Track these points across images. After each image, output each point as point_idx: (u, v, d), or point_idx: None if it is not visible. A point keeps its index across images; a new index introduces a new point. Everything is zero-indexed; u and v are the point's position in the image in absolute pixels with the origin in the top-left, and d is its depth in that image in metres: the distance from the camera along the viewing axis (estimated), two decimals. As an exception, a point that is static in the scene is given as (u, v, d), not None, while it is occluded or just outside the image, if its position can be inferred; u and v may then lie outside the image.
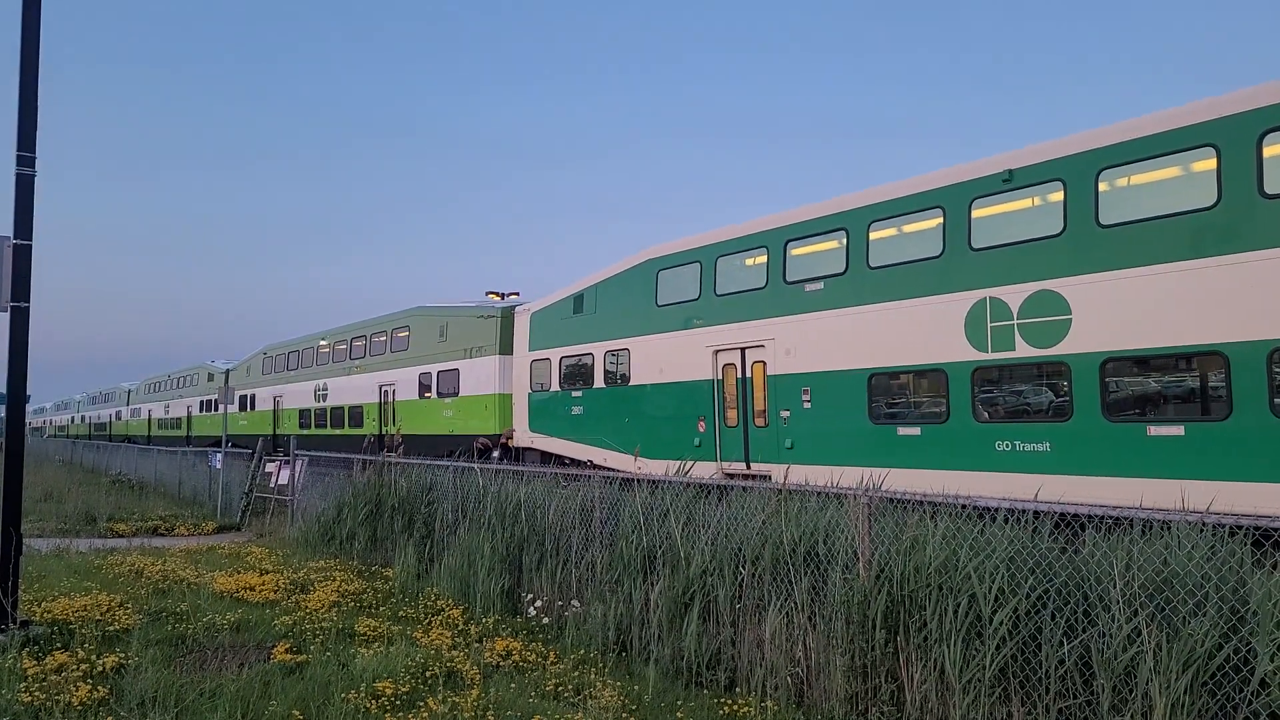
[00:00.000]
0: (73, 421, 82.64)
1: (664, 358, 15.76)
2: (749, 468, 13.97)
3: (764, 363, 13.95)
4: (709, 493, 7.95)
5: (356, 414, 27.56)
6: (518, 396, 20.00)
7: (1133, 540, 4.99)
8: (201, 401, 42.78)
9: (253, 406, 36.53)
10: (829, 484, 7.13)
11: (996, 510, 5.81)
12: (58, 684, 5.93)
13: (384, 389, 26.01)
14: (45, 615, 7.93)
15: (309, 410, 31.03)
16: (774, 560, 6.63)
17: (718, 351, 14.70)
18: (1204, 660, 4.47)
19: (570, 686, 6.38)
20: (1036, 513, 5.77)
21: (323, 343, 31.02)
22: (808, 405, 13.20)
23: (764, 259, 14.13)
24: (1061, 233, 10.51)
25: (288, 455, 16.54)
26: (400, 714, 5.59)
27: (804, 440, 13.17)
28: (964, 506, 5.88)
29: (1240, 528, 4.81)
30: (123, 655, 6.74)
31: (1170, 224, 9.63)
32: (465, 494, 10.60)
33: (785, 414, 13.46)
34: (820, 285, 13.16)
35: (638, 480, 8.50)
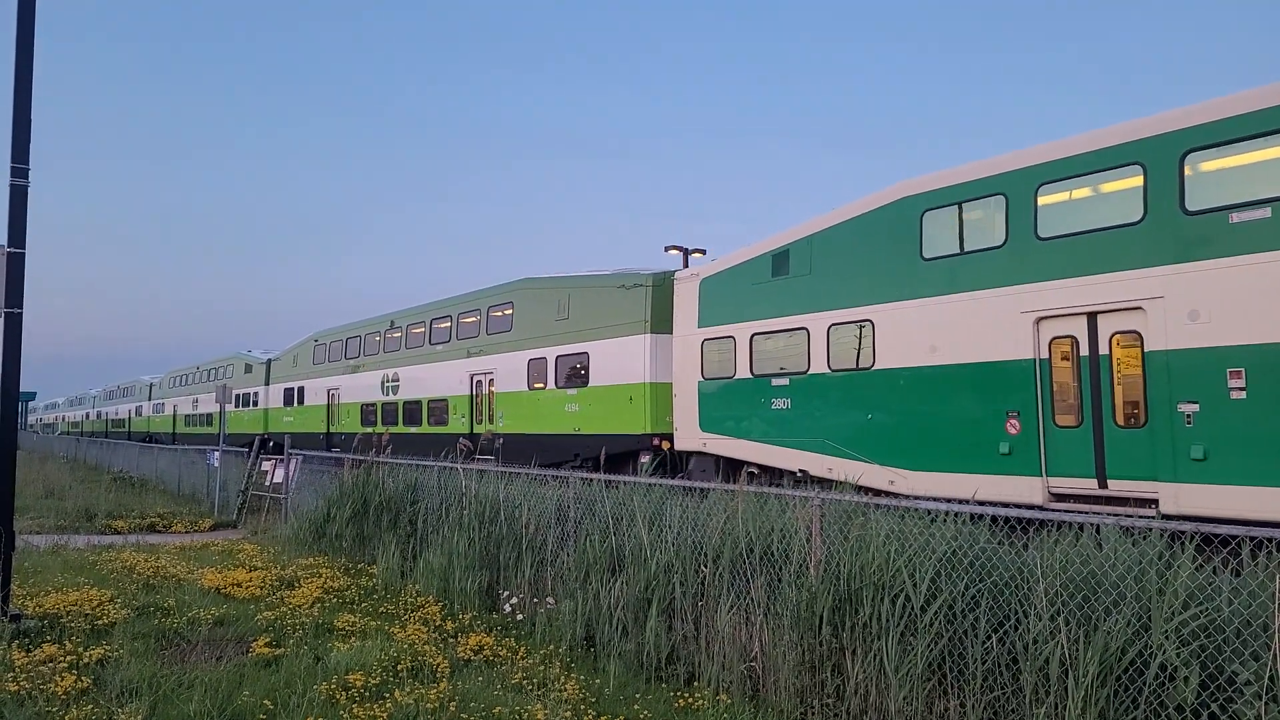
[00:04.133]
0: (87, 417, 79.73)
1: (937, 331, 11.72)
2: (1104, 486, 10.08)
3: (1138, 333, 9.96)
4: (686, 492, 8.20)
5: (439, 409, 23.37)
6: (680, 386, 16.02)
7: (1056, 542, 5.24)
8: (238, 395, 39.14)
9: (301, 401, 32.32)
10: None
11: (943, 514, 6.11)
12: (44, 674, 6.23)
13: (477, 379, 22.04)
14: (37, 609, 8.25)
15: (374, 405, 26.68)
16: (732, 559, 6.91)
17: (1042, 320, 10.67)
18: (1117, 655, 4.72)
19: (535, 681, 6.66)
20: (989, 517, 6.05)
21: (392, 325, 26.51)
22: (1240, 395, 9.15)
23: (1138, 181, 9.96)
24: None
25: (283, 454, 16.87)
26: (367, 705, 5.86)
27: (1233, 448, 9.10)
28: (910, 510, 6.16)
29: (1151, 530, 5.06)
30: (108, 648, 7.04)
31: None
32: (448, 493, 10.89)
33: (1189, 408, 9.48)
34: (1265, 213, 9.05)
35: (605, 482, 8.74)
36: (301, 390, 32.35)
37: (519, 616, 8.62)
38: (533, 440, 19.02)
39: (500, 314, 21.48)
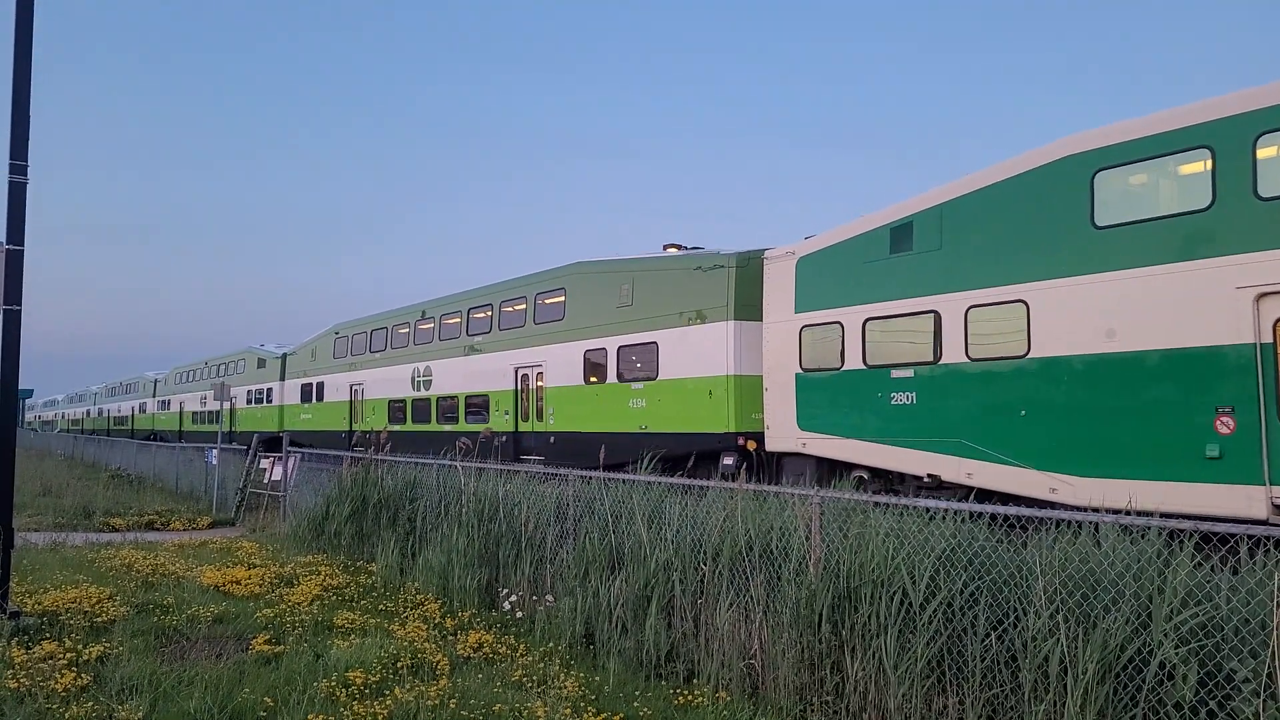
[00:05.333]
0: (88, 415, 77.10)
1: (1116, 312, 9.96)
2: None
3: None
4: (686, 490, 8.20)
5: (479, 405, 21.77)
6: (773, 379, 14.24)
7: (1055, 540, 5.26)
8: (249, 392, 37.24)
9: (320, 397, 30.43)
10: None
11: (941, 511, 6.12)
12: (43, 672, 6.23)
13: (522, 372, 20.35)
14: (36, 607, 8.25)
15: (403, 401, 25.10)
16: (731, 557, 6.92)
17: (1264, 296, 8.90)
18: (1116, 652, 4.74)
19: (535, 678, 6.67)
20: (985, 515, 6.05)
21: (424, 315, 24.86)
22: None
23: None
24: None
25: (280, 452, 16.87)
26: (368, 702, 5.86)
27: None
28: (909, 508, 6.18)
29: (1152, 528, 5.07)
30: (107, 645, 7.05)
31: None
32: (447, 491, 10.90)
33: None
34: None
35: (605, 480, 8.74)
36: (320, 386, 30.48)
37: (518, 614, 8.64)
38: (590, 439, 17.09)
39: (550, 302, 19.66)
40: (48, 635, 7.34)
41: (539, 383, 19.75)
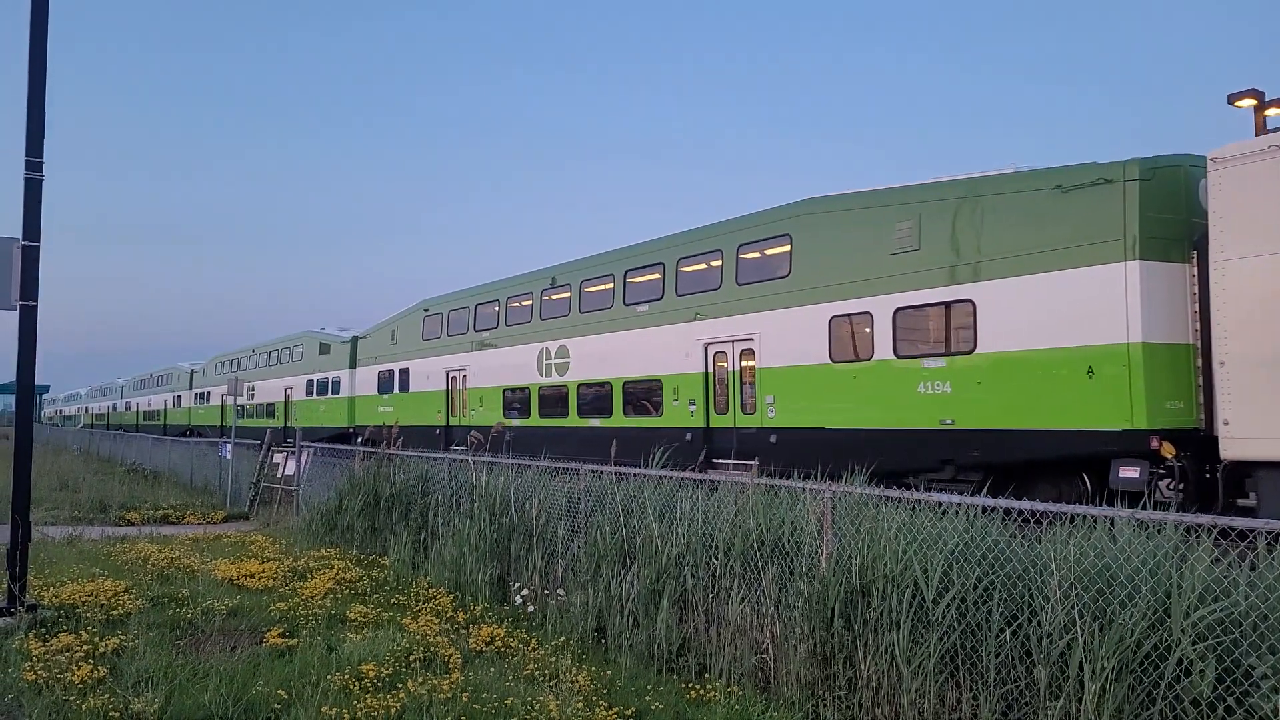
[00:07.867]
0: (114, 409, 72.79)
1: None
2: None
3: None
4: (697, 485, 8.18)
5: (644, 393, 17.47)
6: (1241, 349, 9.22)
7: (1070, 534, 5.22)
8: (309, 382, 32.99)
9: (404, 387, 26.33)
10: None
11: (954, 506, 6.08)
12: (61, 664, 6.29)
13: (716, 350, 15.99)
14: (53, 600, 8.33)
15: (525, 390, 20.76)
16: (743, 552, 6.91)
17: None
18: (1132, 649, 4.70)
19: (546, 671, 6.68)
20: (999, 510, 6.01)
21: (554, 284, 20.52)
22: None
23: None
24: None
25: (294, 446, 16.97)
26: (380, 695, 5.89)
27: None
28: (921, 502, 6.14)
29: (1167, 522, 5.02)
30: (123, 638, 7.11)
31: None
32: (459, 485, 10.92)
33: None
34: None
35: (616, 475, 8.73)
36: (405, 373, 26.19)
37: (530, 608, 8.65)
38: (843, 439, 12.95)
39: (764, 254, 15.33)
40: (65, 628, 7.41)
41: (746, 362, 15.32)
